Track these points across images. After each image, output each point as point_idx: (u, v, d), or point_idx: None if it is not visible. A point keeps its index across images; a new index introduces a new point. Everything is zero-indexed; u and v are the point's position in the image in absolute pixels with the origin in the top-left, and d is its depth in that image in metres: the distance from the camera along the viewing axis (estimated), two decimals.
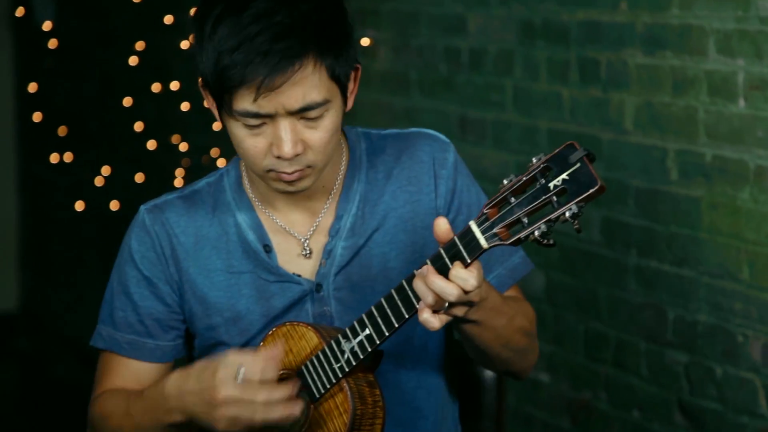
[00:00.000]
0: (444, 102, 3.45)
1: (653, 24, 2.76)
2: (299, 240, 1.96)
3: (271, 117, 1.79)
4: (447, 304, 1.71)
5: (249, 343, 1.96)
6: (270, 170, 1.83)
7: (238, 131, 1.82)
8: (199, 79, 1.86)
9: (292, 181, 1.84)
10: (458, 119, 3.41)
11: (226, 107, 1.80)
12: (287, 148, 1.79)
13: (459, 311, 1.74)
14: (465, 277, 1.69)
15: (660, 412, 2.86)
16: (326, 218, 1.96)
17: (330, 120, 1.83)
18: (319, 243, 1.96)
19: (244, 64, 1.75)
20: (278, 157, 1.81)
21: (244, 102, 1.78)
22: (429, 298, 1.71)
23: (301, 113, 1.80)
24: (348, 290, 1.95)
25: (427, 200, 1.97)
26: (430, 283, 1.70)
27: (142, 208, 2.01)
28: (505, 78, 3.21)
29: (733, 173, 2.60)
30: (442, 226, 1.72)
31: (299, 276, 1.95)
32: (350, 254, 1.95)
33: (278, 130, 1.80)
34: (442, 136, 2.01)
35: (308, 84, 1.78)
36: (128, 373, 2.02)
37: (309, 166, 1.84)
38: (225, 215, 1.97)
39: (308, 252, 1.96)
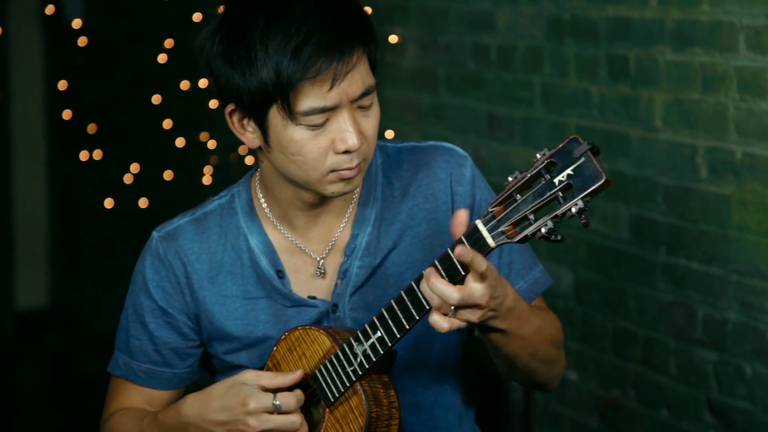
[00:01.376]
0: (472, 99, 3.44)
1: (683, 20, 2.75)
2: (314, 260, 1.95)
3: (333, 110, 1.79)
4: (453, 308, 1.70)
5: (267, 362, 1.95)
6: (331, 171, 1.82)
7: (300, 135, 1.81)
8: (228, 108, 1.85)
9: (351, 177, 1.83)
10: (486, 116, 3.40)
11: (287, 113, 1.79)
12: (353, 140, 1.80)
13: (470, 316, 1.72)
14: (478, 259, 1.67)
15: (689, 410, 2.84)
16: (342, 237, 1.95)
17: (377, 107, 1.86)
18: (334, 262, 1.95)
19: (315, 58, 1.76)
20: (345, 152, 1.81)
21: (310, 99, 1.78)
22: (434, 300, 1.71)
23: (359, 100, 1.81)
24: (364, 310, 1.93)
25: (445, 218, 1.95)
26: (431, 286, 1.70)
27: (155, 234, 1.99)
28: (534, 75, 3.20)
29: (763, 170, 2.58)
30: (461, 218, 1.71)
31: (314, 298, 1.94)
32: (366, 274, 1.93)
33: (341, 123, 1.80)
34: (459, 150, 1.99)
35: (362, 69, 1.81)
36: (141, 399, 2.02)
37: (364, 159, 1.84)
38: (238, 240, 1.96)
39: (322, 272, 1.95)
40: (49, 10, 5.27)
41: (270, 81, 1.77)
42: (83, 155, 5.14)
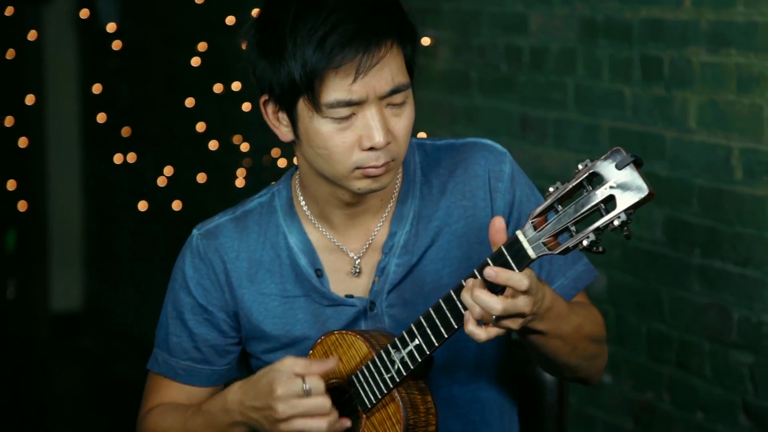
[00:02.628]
0: (505, 101, 3.43)
1: (717, 21, 2.73)
2: (351, 258, 1.94)
3: (360, 105, 1.78)
4: (494, 318, 1.69)
5: None
6: (357, 168, 1.81)
7: (326, 128, 1.80)
8: (262, 99, 1.86)
9: (378, 175, 1.82)
10: (519, 118, 3.39)
11: (313, 105, 1.78)
12: (379, 137, 1.78)
13: (511, 324, 1.72)
14: (515, 278, 1.67)
15: (724, 413, 2.82)
16: (380, 235, 1.94)
17: (411, 108, 1.83)
18: (372, 260, 1.94)
19: (339, 48, 1.75)
20: (370, 149, 1.79)
21: (336, 91, 1.78)
22: (476, 310, 1.70)
23: (389, 97, 1.80)
24: (401, 307, 1.93)
25: (483, 215, 1.93)
26: (474, 297, 1.69)
27: (195, 232, 1.99)
28: (567, 77, 3.20)
29: None
30: (498, 225, 1.70)
31: (351, 297, 1.93)
32: (403, 272, 1.93)
33: (368, 119, 1.79)
34: (498, 146, 1.97)
35: (394, 66, 1.79)
36: (180, 395, 2.02)
37: (393, 159, 1.82)
38: (277, 238, 1.95)
39: (358, 270, 1.94)
40: (84, 13, 5.31)
41: (297, 72, 1.77)
42: (117, 158, 5.17)
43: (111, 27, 5.12)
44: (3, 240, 5.67)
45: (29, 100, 5.45)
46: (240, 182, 4.55)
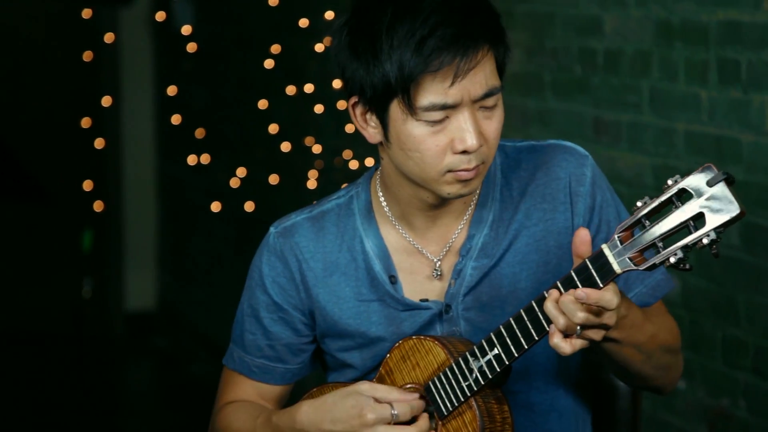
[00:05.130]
0: (578, 104, 3.41)
1: None
2: (431, 261, 1.94)
3: (454, 108, 1.78)
4: (579, 329, 1.68)
5: (378, 368, 1.95)
6: (448, 171, 1.81)
7: (419, 131, 1.80)
8: (352, 100, 1.86)
9: (469, 179, 1.81)
10: (592, 121, 3.37)
11: (407, 107, 1.78)
12: (472, 140, 1.78)
13: (595, 335, 1.70)
14: (606, 298, 1.66)
15: None
16: (459, 238, 1.93)
17: (501, 111, 1.83)
18: (449, 263, 1.93)
19: (438, 52, 1.75)
20: (463, 152, 1.79)
21: (432, 94, 1.77)
22: (560, 321, 1.69)
23: (482, 101, 1.79)
24: (477, 310, 1.92)
25: (563, 219, 1.91)
26: (561, 305, 1.68)
27: (272, 230, 2.00)
28: (642, 79, 3.17)
29: None
30: (583, 237, 1.69)
31: (426, 301, 1.93)
32: (480, 275, 1.92)
33: (461, 123, 1.78)
34: (580, 149, 1.95)
35: (488, 69, 1.79)
36: (254, 392, 2.03)
37: (483, 162, 1.82)
38: (353, 241, 1.95)
39: (439, 273, 1.93)
40: (160, 16, 5.37)
41: (392, 74, 1.77)
42: (191, 159, 5.22)
43: (186, 29, 5.17)
44: (79, 240, 5.76)
45: (106, 101, 5.52)
46: (312, 184, 4.57)
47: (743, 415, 2.96)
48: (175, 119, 5.31)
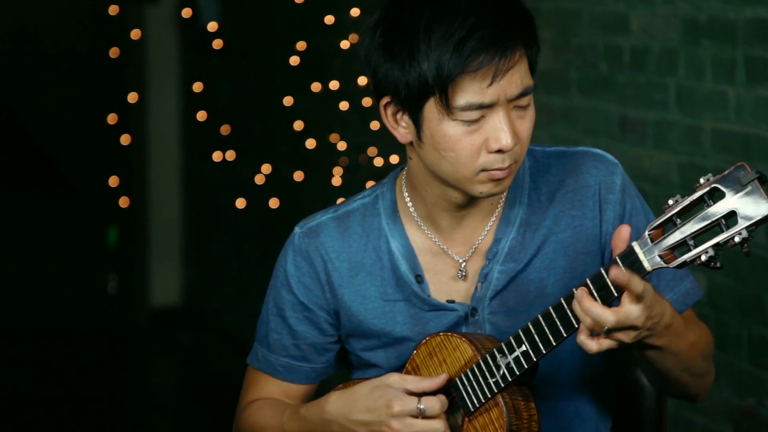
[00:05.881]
0: (604, 101, 3.40)
1: None
2: (456, 261, 1.94)
3: (490, 108, 1.79)
4: (606, 329, 1.68)
5: (405, 365, 1.95)
6: (482, 171, 1.81)
7: (454, 131, 1.80)
8: (384, 100, 1.85)
9: (502, 178, 1.82)
10: (618, 119, 3.36)
11: (444, 107, 1.78)
12: (507, 139, 1.79)
13: (624, 337, 1.70)
14: (635, 283, 1.65)
15: None
16: (485, 241, 1.93)
17: (533, 110, 1.84)
18: (475, 265, 1.93)
19: (477, 53, 1.76)
20: (498, 151, 1.80)
21: (469, 94, 1.78)
22: (587, 321, 1.69)
23: (516, 100, 1.80)
24: (503, 315, 1.92)
25: (591, 226, 1.92)
26: (585, 310, 1.68)
27: (297, 230, 2.00)
28: (668, 77, 3.16)
29: None
30: (624, 234, 1.69)
31: (452, 302, 1.93)
32: (506, 279, 1.92)
33: (496, 122, 1.79)
34: (610, 157, 1.95)
35: (523, 69, 1.80)
36: (278, 391, 2.03)
37: (515, 161, 1.83)
38: (379, 241, 1.95)
39: (463, 274, 1.93)
40: (186, 13, 5.38)
41: (430, 74, 1.77)
42: (216, 156, 5.23)
43: (212, 26, 5.18)
44: (105, 236, 5.78)
45: (132, 98, 5.54)
46: (336, 181, 4.57)
47: None
48: (201, 116, 5.32)
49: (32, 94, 5.75)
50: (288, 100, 4.77)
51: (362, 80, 4.21)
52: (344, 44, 4.34)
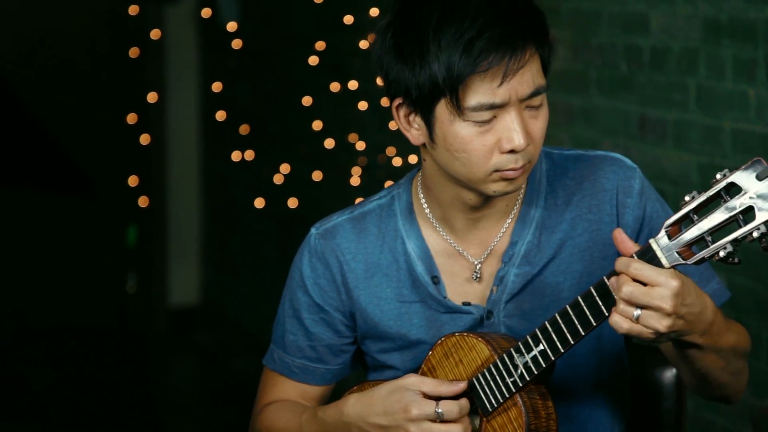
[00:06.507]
0: (623, 101, 3.39)
1: None
2: (471, 263, 1.93)
3: (502, 108, 1.78)
4: (636, 312, 1.67)
5: (420, 366, 1.95)
6: (495, 171, 1.81)
7: (466, 131, 1.80)
8: (396, 102, 1.85)
9: (515, 178, 1.81)
10: (638, 119, 3.35)
11: (455, 108, 1.78)
12: (519, 139, 1.78)
13: (656, 323, 1.67)
14: (662, 280, 1.65)
15: None
16: (501, 243, 1.93)
17: (546, 110, 1.83)
18: (491, 268, 1.93)
19: (486, 53, 1.75)
20: (510, 152, 1.79)
21: (479, 95, 1.77)
22: (621, 297, 1.66)
23: (528, 100, 1.79)
24: (518, 318, 1.91)
25: (608, 230, 1.91)
26: (636, 269, 1.65)
27: (314, 231, 2.00)
28: (689, 77, 3.15)
29: None
30: (619, 237, 1.69)
31: (468, 304, 1.93)
32: (522, 282, 1.91)
33: (508, 122, 1.79)
34: (628, 161, 1.94)
35: (534, 69, 1.80)
36: (294, 393, 2.03)
37: (529, 161, 1.82)
38: (395, 242, 1.95)
39: (478, 276, 1.93)
40: (206, 13, 5.40)
41: (440, 75, 1.77)
42: (235, 156, 5.24)
43: (231, 26, 5.19)
44: (124, 235, 5.80)
45: (151, 98, 5.56)
46: (355, 180, 4.57)
47: None
48: (220, 115, 5.33)
49: (53, 95, 5.77)
50: (307, 100, 4.77)
51: (381, 80, 4.21)
52: (363, 44, 4.34)
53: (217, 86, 5.34)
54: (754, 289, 3.02)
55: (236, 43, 5.16)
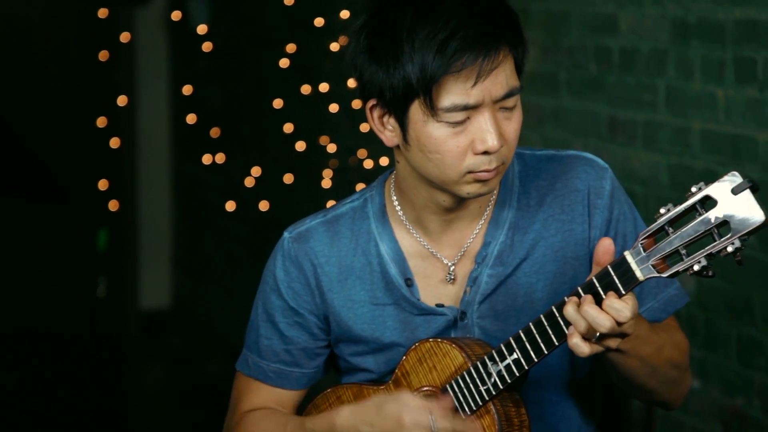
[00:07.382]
0: (593, 102, 3.40)
1: None
2: (445, 265, 1.93)
3: (475, 109, 1.78)
4: (598, 335, 1.68)
5: (394, 370, 1.95)
6: (469, 172, 1.81)
7: (440, 133, 1.80)
8: (369, 103, 1.85)
9: (488, 179, 1.81)
10: (608, 120, 3.36)
11: (429, 109, 1.78)
12: (493, 141, 1.78)
13: (611, 343, 1.71)
14: (619, 308, 1.66)
15: None
16: (474, 244, 1.93)
17: (520, 111, 1.83)
18: (464, 269, 1.93)
19: (460, 53, 1.75)
20: (484, 153, 1.79)
21: (453, 95, 1.77)
22: (581, 325, 1.69)
23: (502, 101, 1.79)
24: (492, 319, 1.92)
25: (580, 230, 1.91)
26: (583, 312, 1.68)
27: (287, 235, 1.99)
28: (658, 78, 3.16)
29: None
30: (607, 247, 1.69)
31: (442, 306, 1.93)
32: (496, 282, 1.91)
33: (482, 123, 1.78)
34: (600, 161, 1.95)
35: (508, 70, 1.80)
36: (271, 398, 2.02)
37: (503, 163, 1.82)
38: (368, 245, 1.95)
39: (452, 277, 1.93)
40: (176, 16, 5.38)
41: (414, 75, 1.77)
42: (206, 159, 5.23)
43: (201, 29, 5.18)
44: (94, 239, 5.77)
45: (121, 101, 5.53)
46: (326, 183, 4.57)
47: (758, 414, 2.95)
48: (191, 118, 5.32)
49: (21, 97, 5.74)
50: (278, 103, 4.76)
51: (352, 82, 4.19)
52: (334, 46, 4.34)
53: (187, 89, 5.33)
54: (723, 289, 3.03)
55: (206, 46, 5.15)
